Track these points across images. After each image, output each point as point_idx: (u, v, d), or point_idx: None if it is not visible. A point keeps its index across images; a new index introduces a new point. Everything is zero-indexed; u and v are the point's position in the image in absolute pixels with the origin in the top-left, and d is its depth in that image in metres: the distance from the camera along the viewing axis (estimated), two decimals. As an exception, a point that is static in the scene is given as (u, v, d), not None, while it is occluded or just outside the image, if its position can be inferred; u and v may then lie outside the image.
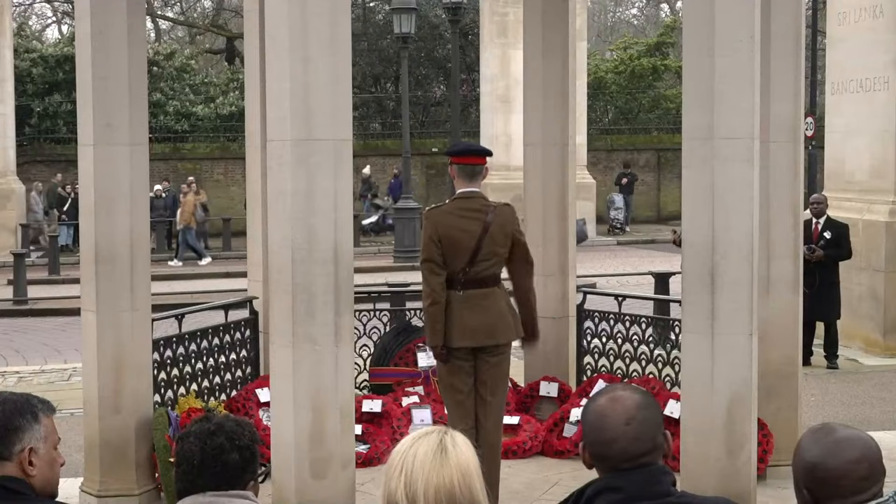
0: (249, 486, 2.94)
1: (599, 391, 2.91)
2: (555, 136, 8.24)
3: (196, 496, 2.87)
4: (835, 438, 2.81)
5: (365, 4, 36.23)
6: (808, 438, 2.86)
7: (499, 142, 25.50)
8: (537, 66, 8.23)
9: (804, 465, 2.82)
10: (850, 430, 2.86)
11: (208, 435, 2.91)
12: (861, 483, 2.76)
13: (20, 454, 2.83)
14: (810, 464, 2.81)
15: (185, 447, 2.92)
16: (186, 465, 2.90)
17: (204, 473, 2.88)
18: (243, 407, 7.39)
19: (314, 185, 5.10)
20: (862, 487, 2.76)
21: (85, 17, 6.19)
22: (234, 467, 2.90)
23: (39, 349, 14.35)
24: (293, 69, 5.07)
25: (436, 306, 6.08)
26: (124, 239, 6.32)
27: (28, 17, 42.24)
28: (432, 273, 6.10)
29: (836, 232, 11.70)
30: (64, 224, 25.72)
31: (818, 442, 2.83)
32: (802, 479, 2.83)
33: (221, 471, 2.88)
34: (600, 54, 39.89)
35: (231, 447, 2.90)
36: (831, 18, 13.67)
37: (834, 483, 2.76)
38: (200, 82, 32.85)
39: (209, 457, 2.88)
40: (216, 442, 2.90)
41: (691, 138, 5.43)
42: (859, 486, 2.75)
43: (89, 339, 6.38)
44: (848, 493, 2.76)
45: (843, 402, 10.12)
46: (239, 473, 2.91)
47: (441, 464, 2.37)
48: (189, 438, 2.94)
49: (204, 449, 2.89)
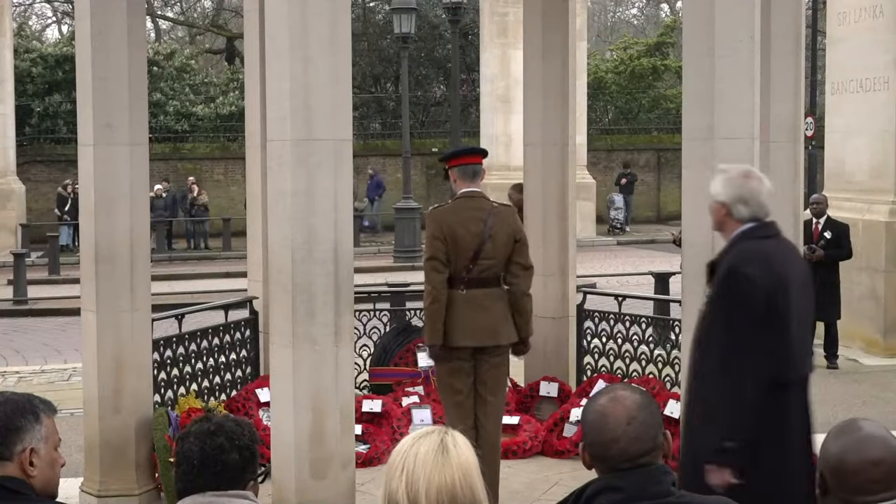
0: (249, 486, 2.94)
1: (599, 391, 2.92)
2: (555, 136, 8.24)
3: (196, 496, 2.87)
4: (862, 436, 2.79)
5: (365, 4, 36.24)
6: (839, 427, 2.85)
7: (499, 142, 25.51)
8: (537, 66, 8.23)
9: (825, 452, 2.81)
10: (882, 430, 2.84)
11: (208, 435, 2.91)
12: (873, 485, 2.73)
13: (21, 454, 2.83)
14: (830, 452, 2.79)
15: (185, 447, 2.92)
16: (186, 465, 2.90)
17: (204, 473, 2.87)
18: (243, 407, 7.40)
19: (314, 185, 5.10)
20: (872, 490, 2.73)
21: (85, 17, 6.19)
22: (234, 467, 2.90)
23: (39, 349, 14.35)
24: (293, 69, 5.07)
25: (437, 304, 6.07)
26: (124, 239, 6.32)
27: (28, 17, 42.27)
28: (435, 271, 6.09)
29: (836, 232, 11.70)
30: (64, 224, 25.72)
31: (844, 433, 2.81)
32: (820, 463, 2.82)
33: (221, 470, 2.88)
34: (600, 54, 39.88)
35: (231, 447, 2.90)
36: (831, 18, 13.67)
37: (846, 476, 2.74)
38: (200, 82, 32.85)
39: (209, 457, 2.88)
40: (216, 442, 2.90)
41: (691, 138, 5.43)
42: (870, 488, 2.73)
43: (89, 339, 6.38)
44: (855, 492, 2.73)
45: (843, 402, 10.12)
46: (239, 473, 2.91)
47: (442, 463, 2.38)
48: (189, 438, 2.94)
49: (204, 449, 2.89)
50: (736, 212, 4.56)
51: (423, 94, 34.68)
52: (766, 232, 4.57)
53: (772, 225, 4.60)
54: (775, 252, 4.54)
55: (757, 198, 4.56)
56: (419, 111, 34.39)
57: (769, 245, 4.54)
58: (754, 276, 4.38)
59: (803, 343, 4.55)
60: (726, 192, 4.59)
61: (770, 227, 4.59)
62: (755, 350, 4.32)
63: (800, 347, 4.50)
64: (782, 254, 4.56)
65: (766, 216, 4.58)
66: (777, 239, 4.61)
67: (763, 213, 4.58)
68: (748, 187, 4.57)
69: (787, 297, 4.40)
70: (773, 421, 4.44)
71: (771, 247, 4.54)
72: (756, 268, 4.42)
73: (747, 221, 4.55)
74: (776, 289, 4.37)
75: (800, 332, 4.51)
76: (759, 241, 4.54)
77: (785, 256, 4.56)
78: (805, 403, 4.53)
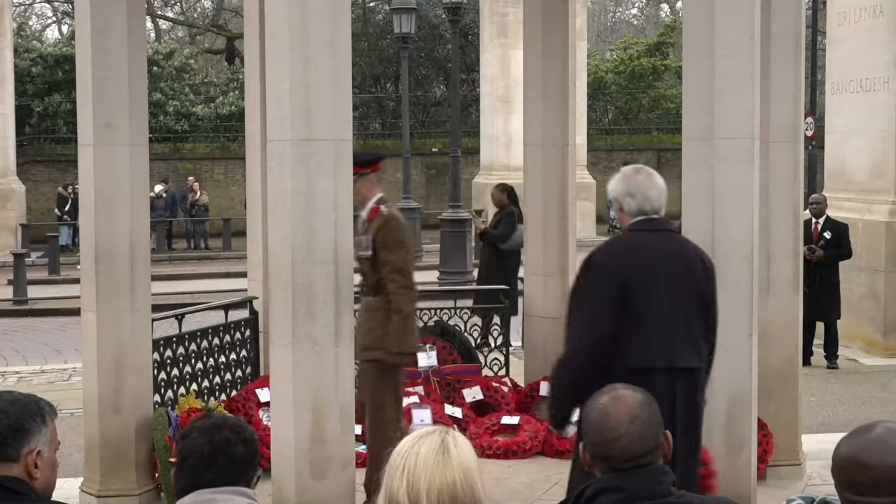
0: (252, 482, 2.95)
1: (600, 391, 2.91)
2: (555, 136, 8.23)
3: (195, 494, 2.87)
4: (877, 437, 2.73)
5: (365, 4, 36.24)
6: (862, 428, 2.80)
7: (499, 142, 25.52)
8: (537, 67, 8.23)
9: (839, 450, 2.76)
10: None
11: (214, 428, 2.94)
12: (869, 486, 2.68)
13: (27, 456, 2.83)
14: (845, 450, 2.73)
15: (190, 442, 2.93)
16: (194, 459, 2.90)
17: (212, 466, 2.89)
18: (243, 407, 7.39)
19: (314, 185, 5.11)
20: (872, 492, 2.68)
21: (85, 17, 6.19)
22: (240, 460, 2.91)
23: (39, 349, 14.35)
24: (293, 69, 5.08)
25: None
26: (124, 239, 6.32)
27: (28, 17, 42.23)
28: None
29: (836, 232, 11.70)
30: (64, 224, 25.72)
31: (861, 435, 2.76)
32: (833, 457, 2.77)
33: (228, 463, 2.90)
34: (600, 54, 39.89)
35: (237, 440, 2.93)
36: (831, 18, 13.67)
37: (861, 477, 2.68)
38: (200, 82, 32.85)
39: (217, 449, 2.90)
40: (223, 435, 2.92)
41: (691, 139, 5.44)
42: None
43: (89, 339, 6.37)
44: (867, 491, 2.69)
45: (843, 402, 10.12)
46: (245, 466, 2.93)
47: (443, 463, 2.38)
48: (193, 434, 2.95)
49: (212, 441, 2.91)
50: (626, 205, 4.75)
51: (423, 94, 34.68)
52: (649, 226, 4.71)
53: (658, 220, 4.74)
54: (648, 246, 4.67)
55: (644, 192, 4.73)
56: (419, 111, 34.38)
57: (646, 238, 4.70)
58: (604, 263, 4.60)
59: (675, 335, 4.57)
60: (616, 187, 4.81)
61: (656, 222, 4.73)
62: (590, 330, 4.51)
63: (667, 339, 4.54)
64: (656, 248, 4.68)
65: (653, 211, 4.73)
66: (661, 234, 4.73)
67: (650, 206, 4.73)
68: (635, 182, 4.76)
69: (648, 290, 4.52)
70: None
71: (646, 240, 4.70)
72: (609, 257, 4.65)
73: (636, 215, 4.74)
74: (632, 281, 4.53)
75: (672, 325, 4.55)
76: (638, 234, 4.72)
77: (659, 251, 4.67)
78: (673, 395, 4.51)
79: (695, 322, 4.63)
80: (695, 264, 4.68)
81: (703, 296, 4.66)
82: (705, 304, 4.66)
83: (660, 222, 4.74)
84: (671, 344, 4.55)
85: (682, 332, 4.60)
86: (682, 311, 4.60)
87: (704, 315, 4.66)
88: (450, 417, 7.79)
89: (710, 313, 4.66)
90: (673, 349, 4.56)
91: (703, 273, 4.69)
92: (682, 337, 4.60)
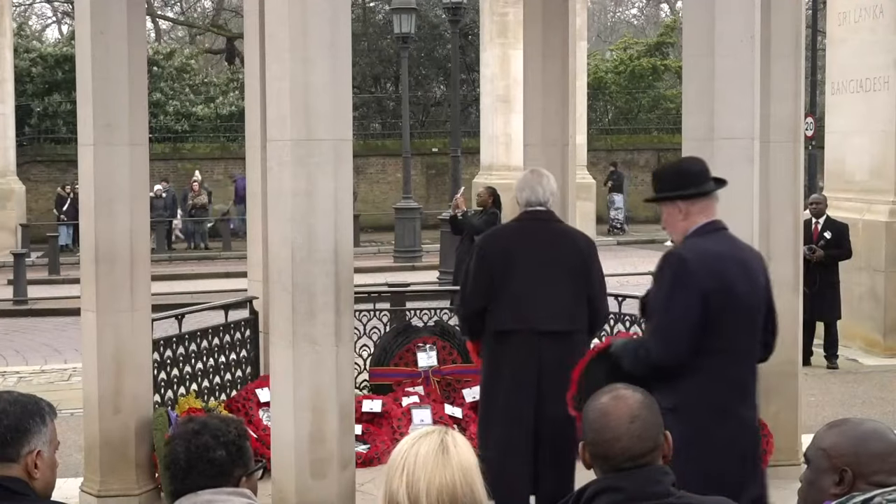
0: (242, 481, 2.93)
1: (599, 391, 2.91)
2: (555, 136, 8.23)
3: (191, 496, 2.87)
4: (866, 430, 2.73)
5: (365, 4, 36.24)
6: (834, 422, 2.79)
7: (499, 142, 25.51)
8: (537, 67, 8.22)
9: (820, 442, 2.75)
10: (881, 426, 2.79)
11: (192, 435, 2.92)
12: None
13: (28, 456, 2.84)
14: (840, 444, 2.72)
15: (170, 449, 2.93)
16: (174, 468, 2.90)
17: (191, 473, 2.87)
18: (243, 407, 7.39)
19: (314, 185, 5.10)
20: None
21: (85, 17, 6.19)
22: (220, 463, 2.89)
23: (39, 349, 14.35)
24: (293, 69, 5.07)
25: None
26: (124, 239, 6.32)
27: (28, 17, 42.22)
28: None
29: (836, 232, 11.70)
30: (64, 224, 25.72)
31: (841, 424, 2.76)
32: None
33: (208, 468, 2.88)
34: (600, 54, 39.88)
35: (216, 444, 2.90)
36: (831, 18, 13.67)
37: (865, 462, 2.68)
38: (200, 82, 32.84)
39: (195, 456, 2.88)
40: (201, 441, 2.90)
41: (691, 138, 5.44)
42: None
43: (89, 339, 6.37)
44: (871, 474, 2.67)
45: (843, 402, 10.12)
46: (227, 469, 2.90)
47: (443, 463, 2.38)
48: (174, 441, 2.95)
49: (189, 449, 2.89)
50: (519, 199, 5.72)
51: (423, 94, 34.69)
52: (528, 216, 5.68)
53: (539, 212, 5.67)
54: (517, 231, 5.68)
55: (530, 186, 5.67)
56: (419, 111, 34.39)
57: (519, 226, 5.72)
58: (481, 245, 5.74)
59: (536, 301, 5.48)
60: (516, 185, 5.77)
61: (536, 213, 5.67)
62: (467, 298, 5.68)
63: (526, 304, 5.47)
64: (524, 232, 5.64)
65: (538, 203, 5.67)
66: (537, 222, 5.66)
67: (535, 199, 5.66)
68: (525, 179, 5.74)
69: (508, 264, 5.50)
70: (491, 362, 5.65)
71: (519, 227, 5.72)
72: (485, 239, 5.83)
73: (525, 207, 5.67)
74: (497, 257, 5.57)
75: (535, 291, 5.47)
76: (516, 223, 5.76)
77: (528, 235, 5.62)
78: (538, 354, 5.46)
79: (564, 292, 5.53)
80: (566, 243, 5.63)
81: (588, 271, 5.67)
82: (586, 277, 5.64)
83: (542, 213, 5.66)
84: (535, 308, 5.43)
85: (551, 299, 5.48)
86: (541, 281, 5.47)
87: (584, 285, 5.61)
88: (450, 417, 7.79)
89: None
90: (532, 312, 5.43)
91: (578, 250, 5.65)
92: (546, 303, 5.46)
